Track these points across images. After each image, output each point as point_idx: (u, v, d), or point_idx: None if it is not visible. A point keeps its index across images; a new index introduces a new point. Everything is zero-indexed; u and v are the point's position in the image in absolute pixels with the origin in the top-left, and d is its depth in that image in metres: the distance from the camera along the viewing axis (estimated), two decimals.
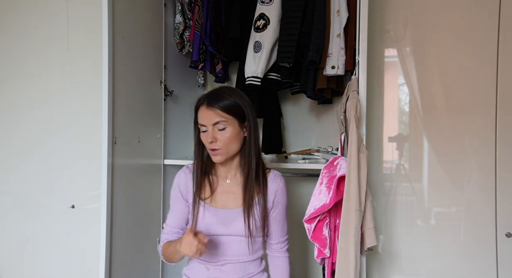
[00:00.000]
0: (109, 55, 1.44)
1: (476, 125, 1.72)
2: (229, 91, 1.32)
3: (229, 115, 1.27)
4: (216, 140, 1.27)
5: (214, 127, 1.27)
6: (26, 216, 2.12)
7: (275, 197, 1.35)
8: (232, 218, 1.32)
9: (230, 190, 1.36)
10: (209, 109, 1.27)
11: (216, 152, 1.29)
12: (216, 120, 1.26)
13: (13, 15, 2.12)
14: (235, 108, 1.28)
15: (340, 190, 1.24)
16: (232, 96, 1.29)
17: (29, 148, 2.11)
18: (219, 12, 1.98)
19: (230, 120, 1.27)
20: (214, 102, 1.27)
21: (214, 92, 1.33)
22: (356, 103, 1.27)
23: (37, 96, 2.09)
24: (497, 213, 1.68)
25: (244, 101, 1.31)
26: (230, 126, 1.27)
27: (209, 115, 1.27)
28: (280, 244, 1.42)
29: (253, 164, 1.32)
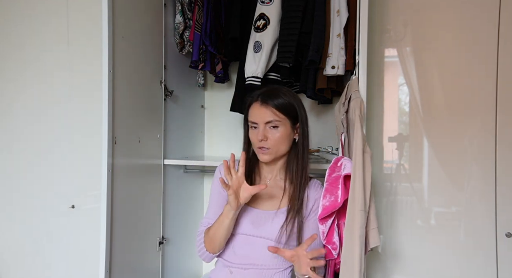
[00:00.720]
0: (109, 55, 1.44)
1: (476, 125, 1.72)
2: (285, 90, 1.30)
3: (283, 115, 1.25)
4: (267, 139, 1.25)
5: (266, 126, 1.25)
6: (26, 216, 2.11)
7: (314, 205, 1.31)
8: (264, 220, 1.28)
9: (268, 191, 1.33)
10: (263, 107, 1.26)
11: (265, 150, 1.27)
12: (269, 119, 1.25)
13: (13, 15, 2.12)
14: (289, 109, 1.27)
15: (347, 187, 1.24)
16: (287, 96, 1.27)
17: (29, 148, 2.10)
18: (219, 12, 1.98)
19: (284, 120, 1.26)
20: (269, 100, 1.25)
21: (269, 90, 1.31)
22: (360, 103, 1.27)
23: (37, 97, 2.09)
24: (497, 213, 1.68)
25: (298, 103, 1.30)
26: (283, 126, 1.26)
27: (263, 113, 1.25)
28: None
29: (300, 167, 1.29)
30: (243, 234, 1.30)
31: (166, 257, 1.86)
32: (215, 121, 2.28)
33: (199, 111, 2.25)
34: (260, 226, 1.28)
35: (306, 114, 1.32)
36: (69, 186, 2.03)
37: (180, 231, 1.98)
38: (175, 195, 1.96)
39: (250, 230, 1.29)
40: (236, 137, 2.23)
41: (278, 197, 1.31)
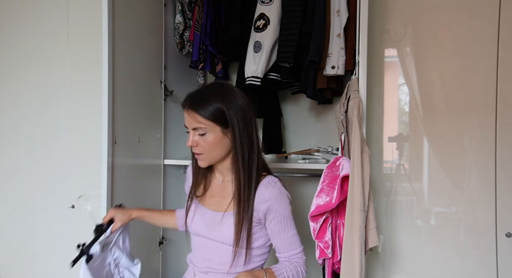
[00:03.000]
0: (109, 55, 1.44)
1: (476, 125, 1.72)
2: (214, 93, 1.19)
3: (209, 121, 1.16)
4: (197, 144, 1.19)
5: (195, 132, 1.19)
6: (26, 216, 2.12)
7: (268, 206, 1.18)
8: (214, 221, 1.22)
9: (220, 193, 1.27)
10: (189, 114, 1.19)
11: (199, 156, 1.21)
12: (195, 126, 1.18)
13: (13, 15, 2.12)
14: (216, 114, 1.16)
15: (344, 189, 1.24)
16: (215, 100, 1.16)
17: (29, 148, 2.10)
18: (219, 12, 1.98)
19: (210, 126, 1.16)
20: (194, 106, 1.17)
21: (197, 94, 1.21)
22: (358, 103, 1.27)
23: (37, 97, 2.09)
24: (497, 213, 1.68)
25: (229, 105, 1.17)
26: (211, 133, 1.17)
27: (189, 120, 1.19)
28: (289, 259, 1.24)
29: (241, 169, 1.18)
30: (200, 236, 1.26)
31: (166, 257, 1.86)
32: None
33: None
34: (211, 228, 1.23)
35: (243, 114, 1.19)
36: (69, 186, 2.03)
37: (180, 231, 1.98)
38: (175, 195, 1.96)
39: (204, 232, 1.24)
40: None
41: (228, 198, 1.24)
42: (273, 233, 1.22)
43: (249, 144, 1.19)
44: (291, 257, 1.24)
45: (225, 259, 1.21)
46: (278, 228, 1.21)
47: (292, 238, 1.24)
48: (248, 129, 1.20)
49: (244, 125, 1.19)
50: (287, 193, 1.23)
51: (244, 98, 1.22)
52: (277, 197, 1.19)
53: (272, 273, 1.19)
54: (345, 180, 1.25)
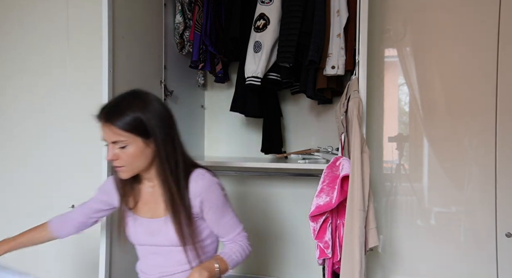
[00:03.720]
0: (109, 55, 1.44)
1: (476, 125, 1.72)
2: (130, 102, 1.14)
3: (128, 134, 1.11)
4: (118, 158, 1.13)
5: (115, 145, 1.12)
6: (26, 215, 2.11)
7: (201, 198, 1.18)
8: (158, 228, 1.21)
9: (152, 199, 1.24)
10: (105, 127, 1.12)
11: (119, 169, 1.16)
12: (113, 140, 1.12)
13: (14, 15, 2.12)
14: (135, 125, 1.11)
15: (344, 189, 1.24)
16: (133, 109, 1.11)
17: (29, 148, 2.10)
18: (219, 12, 1.98)
19: (130, 138, 1.11)
20: (110, 119, 1.11)
21: (113, 104, 1.16)
22: (358, 103, 1.27)
23: (37, 96, 2.09)
24: (497, 213, 1.68)
25: (148, 114, 1.13)
26: (132, 145, 1.12)
27: (106, 133, 1.13)
28: (233, 240, 1.27)
29: (168, 174, 1.16)
30: (145, 245, 1.24)
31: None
32: (215, 121, 2.28)
33: (199, 111, 2.25)
34: (155, 235, 1.21)
35: (163, 120, 1.16)
36: (69, 186, 2.03)
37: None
38: None
39: (149, 241, 1.22)
40: (236, 137, 2.24)
41: (163, 202, 1.21)
42: (212, 222, 1.23)
43: (172, 149, 1.17)
44: (235, 238, 1.26)
45: (178, 260, 1.21)
46: (215, 217, 1.22)
47: (231, 221, 1.26)
48: (171, 135, 1.18)
49: (166, 132, 1.16)
50: (217, 181, 1.23)
51: (162, 103, 1.21)
52: (208, 188, 1.19)
53: (221, 259, 1.20)
54: (345, 180, 1.25)
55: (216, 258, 1.20)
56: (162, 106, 1.19)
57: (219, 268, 1.17)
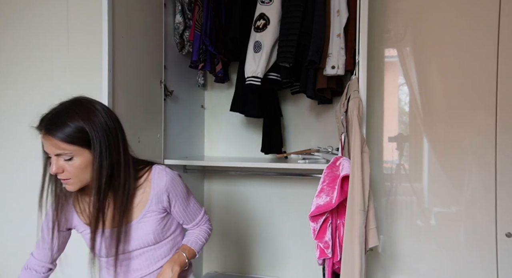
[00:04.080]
0: (109, 55, 1.44)
1: (476, 125, 1.72)
2: (73, 111, 1.07)
3: (73, 146, 1.04)
4: (63, 170, 1.08)
5: (59, 158, 1.07)
6: (26, 215, 2.11)
7: (168, 194, 1.18)
8: (128, 234, 1.18)
9: (110, 208, 1.18)
10: (48, 139, 1.06)
11: (66, 181, 1.11)
12: (58, 152, 1.06)
13: (14, 15, 2.12)
14: (80, 137, 1.05)
15: (344, 189, 1.24)
16: (75, 119, 1.05)
17: (29, 148, 2.10)
18: (219, 12, 1.98)
19: (76, 150, 1.05)
20: (52, 131, 1.04)
21: (54, 114, 1.08)
22: (358, 103, 1.27)
23: (37, 97, 2.09)
24: (497, 213, 1.68)
25: (92, 122, 1.06)
26: (78, 157, 1.06)
27: (49, 146, 1.06)
28: (198, 225, 1.29)
29: (117, 184, 1.12)
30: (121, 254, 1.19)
31: None
32: (215, 121, 2.28)
33: (199, 111, 2.25)
34: (126, 241, 1.18)
35: (107, 128, 1.09)
36: None
37: None
38: None
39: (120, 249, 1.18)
40: (236, 137, 2.24)
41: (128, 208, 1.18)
42: (179, 214, 1.23)
43: (116, 159, 1.12)
44: (198, 223, 1.28)
45: (153, 258, 1.21)
46: (181, 208, 1.23)
47: (194, 207, 1.27)
48: (116, 143, 1.12)
49: (110, 140, 1.10)
50: (176, 173, 1.23)
51: (106, 110, 1.13)
52: (172, 182, 1.19)
53: (187, 248, 1.23)
54: (345, 180, 1.25)
55: (183, 248, 1.22)
56: (107, 113, 1.11)
57: (187, 257, 1.20)
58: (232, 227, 2.24)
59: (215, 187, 2.27)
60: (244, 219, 2.22)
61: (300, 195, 2.08)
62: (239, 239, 2.23)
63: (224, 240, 2.25)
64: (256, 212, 2.19)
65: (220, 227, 2.26)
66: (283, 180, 2.14)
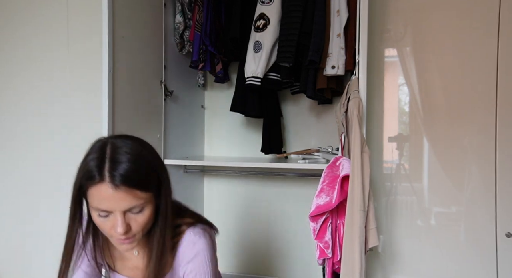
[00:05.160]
0: (109, 55, 1.44)
1: (476, 125, 1.72)
2: (137, 150, 0.92)
3: (148, 193, 0.91)
4: (130, 228, 0.91)
5: (127, 213, 0.90)
6: (26, 216, 2.12)
7: (190, 266, 1.00)
8: None
9: (140, 264, 1.06)
10: (118, 191, 0.86)
11: (129, 240, 0.92)
12: (130, 206, 0.88)
13: (14, 15, 2.12)
14: (153, 179, 0.93)
15: (344, 189, 1.24)
16: (142, 159, 0.92)
17: (30, 150, 2.11)
18: (219, 12, 1.98)
19: (148, 198, 0.91)
20: (125, 179, 0.86)
21: (117, 159, 0.89)
22: (358, 103, 1.27)
23: (37, 96, 2.09)
24: (497, 213, 1.68)
25: (153, 159, 0.96)
26: (148, 205, 0.92)
27: (119, 200, 0.87)
28: None
29: (167, 235, 0.97)
30: None
31: None
32: (215, 121, 2.28)
33: (199, 111, 2.25)
34: None
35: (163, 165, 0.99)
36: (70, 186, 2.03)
37: None
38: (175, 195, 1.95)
39: None
40: (236, 137, 2.24)
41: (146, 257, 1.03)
42: None
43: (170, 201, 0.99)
44: None
45: None
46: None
47: None
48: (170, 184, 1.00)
49: (168, 179, 0.99)
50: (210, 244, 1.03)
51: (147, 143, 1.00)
52: (203, 252, 1.00)
53: None
54: (345, 180, 1.25)
55: None
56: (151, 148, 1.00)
57: None
58: (232, 227, 2.24)
59: (215, 187, 2.27)
60: (244, 219, 2.22)
61: (300, 195, 2.08)
62: (239, 239, 2.23)
63: (224, 240, 2.25)
64: (256, 212, 2.19)
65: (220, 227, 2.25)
66: (283, 180, 2.14)
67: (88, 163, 0.91)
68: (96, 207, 0.89)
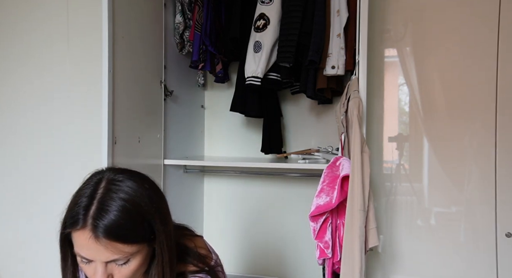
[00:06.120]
0: (109, 55, 1.44)
1: (476, 125, 1.72)
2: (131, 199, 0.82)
3: (135, 246, 0.81)
4: (112, 277, 0.82)
5: (110, 263, 0.81)
6: (26, 216, 2.11)
7: None
8: None
9: None
10: (99, 244, 0.77)
11: None
12: (113, 258, 0.79)
13: (13, 15, 2.12)
14: (144, 230, 0.82)
15: (344, 189, 1.24)
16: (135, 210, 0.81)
17: (29, 148, 2.10)
18: (219, 12, 1.98)
19: (137, 249, 0.82)
20: (108, 231, 0.77)
21: (106, 205, 0.80)
22: (358, 103, 1.27)
23: (37, 96, 2.09)
24: (497, 213, 1.68)
25: (150, 206, 0.83)
26: (136, 256, 0.82)
27: (99, 252, 0.78)
28: None
29: None
30: None
31: None
32: (215, 121, 2.28)
33: (199, 111, 2.25)
34: None
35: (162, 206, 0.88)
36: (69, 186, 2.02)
37: None
38: (175, 195, 1.96)
39: None
40: (236, 137, 2.24)
41: None
42: None
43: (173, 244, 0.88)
44: None
45: None
46: None
47: None
48: (170, 224, 0.89)
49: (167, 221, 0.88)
50: None
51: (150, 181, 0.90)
52: None
53: None
54: (345, 180, 1.25)
55: None
56: (154, 187, 0.90)
57: None
58: (232, 227, 2.24)
59: (215, 187, 2.27)
60: (244, 219, 2.22)
61: (300, 195, 2.08)
62: (238, 239, 2.23)
63: (224, 240, 2.25)
64: (256, 212, 2.19)
65: (220, 227, 2.26)
66: (283, 180, 2.14)
67: (78, 201, 0.85)
68: (77, 252, 0.82)
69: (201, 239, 1.07)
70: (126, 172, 0.88)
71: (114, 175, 0.87)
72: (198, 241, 1.03)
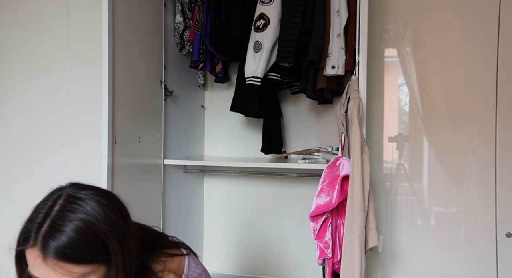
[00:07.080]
0: (109, 55, 1.44)
1: (476, 125, 1.72)
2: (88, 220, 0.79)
3: (89, 266, 0.78)
4: None
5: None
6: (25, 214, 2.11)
7: None
8: None
9: None
10: (49, 263, 0.76)
11: None
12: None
13: (13, 14, 2.12)
14: (97, 252, 0.79)
15: (344, 189, 1.24)
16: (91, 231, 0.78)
17: (29, 148, 2.10)
18: (219, 12, 1.98)
19: (91, 269, 0.79)
20: (60, 253, 0.76)
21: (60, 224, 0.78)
22: (358, 103, 1.27)
23: (36, 96, 2.09)
24: (497, 213, 1.68)
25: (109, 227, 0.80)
26: (91, 277, 0.79)
27: (50, 271, 0.77)
28: None
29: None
30: None
31: None
32: (215, 121, 2.28)
33: (199, 111, 2.25)
34: None
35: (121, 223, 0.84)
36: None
37: (180, 231, 1.98)
38: (175, 195, 1.96)
39: None
40: (236, 137, 2.24)
41: None
42: None
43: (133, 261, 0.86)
44: None
45: None
46: None
47: None
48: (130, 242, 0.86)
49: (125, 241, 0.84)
50: None
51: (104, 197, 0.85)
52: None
53: None
54: (345, 180, 1.25)
55: None
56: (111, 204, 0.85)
57: None
58: (232, 227, 2.24)
59: (215, 187, 2.27)
60: (244, 219, 2.22)
61: (300, 195, 2.08)
62: (238, 239, 2.23)
63: (224, 240, 2.25)
64: (256, 212, 2.19)
65: (220, 227, 2.26)
66: (283, 180, 2.14)
67: (33, 217, 0.84)
68: (29, 270, 0.81)
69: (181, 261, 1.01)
70: (88, 188, 0.86)
71: (74, 191, 0.85)
72: (173, 264, 0.98)
